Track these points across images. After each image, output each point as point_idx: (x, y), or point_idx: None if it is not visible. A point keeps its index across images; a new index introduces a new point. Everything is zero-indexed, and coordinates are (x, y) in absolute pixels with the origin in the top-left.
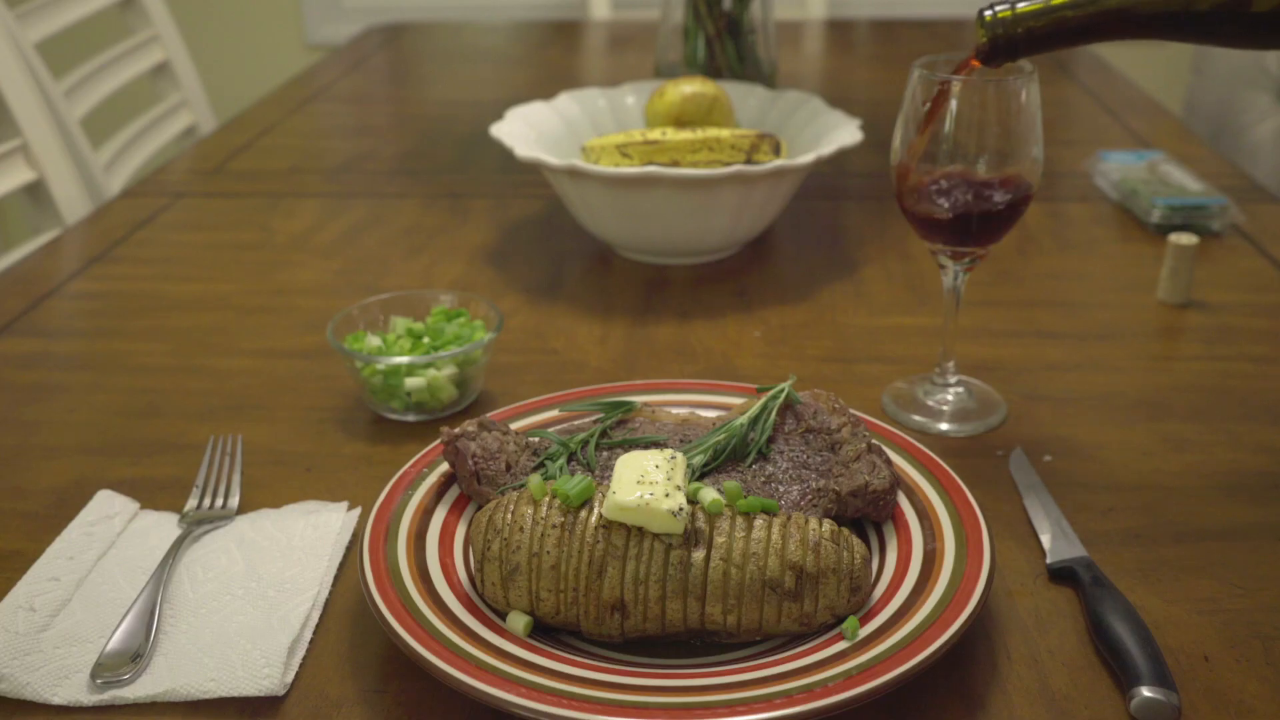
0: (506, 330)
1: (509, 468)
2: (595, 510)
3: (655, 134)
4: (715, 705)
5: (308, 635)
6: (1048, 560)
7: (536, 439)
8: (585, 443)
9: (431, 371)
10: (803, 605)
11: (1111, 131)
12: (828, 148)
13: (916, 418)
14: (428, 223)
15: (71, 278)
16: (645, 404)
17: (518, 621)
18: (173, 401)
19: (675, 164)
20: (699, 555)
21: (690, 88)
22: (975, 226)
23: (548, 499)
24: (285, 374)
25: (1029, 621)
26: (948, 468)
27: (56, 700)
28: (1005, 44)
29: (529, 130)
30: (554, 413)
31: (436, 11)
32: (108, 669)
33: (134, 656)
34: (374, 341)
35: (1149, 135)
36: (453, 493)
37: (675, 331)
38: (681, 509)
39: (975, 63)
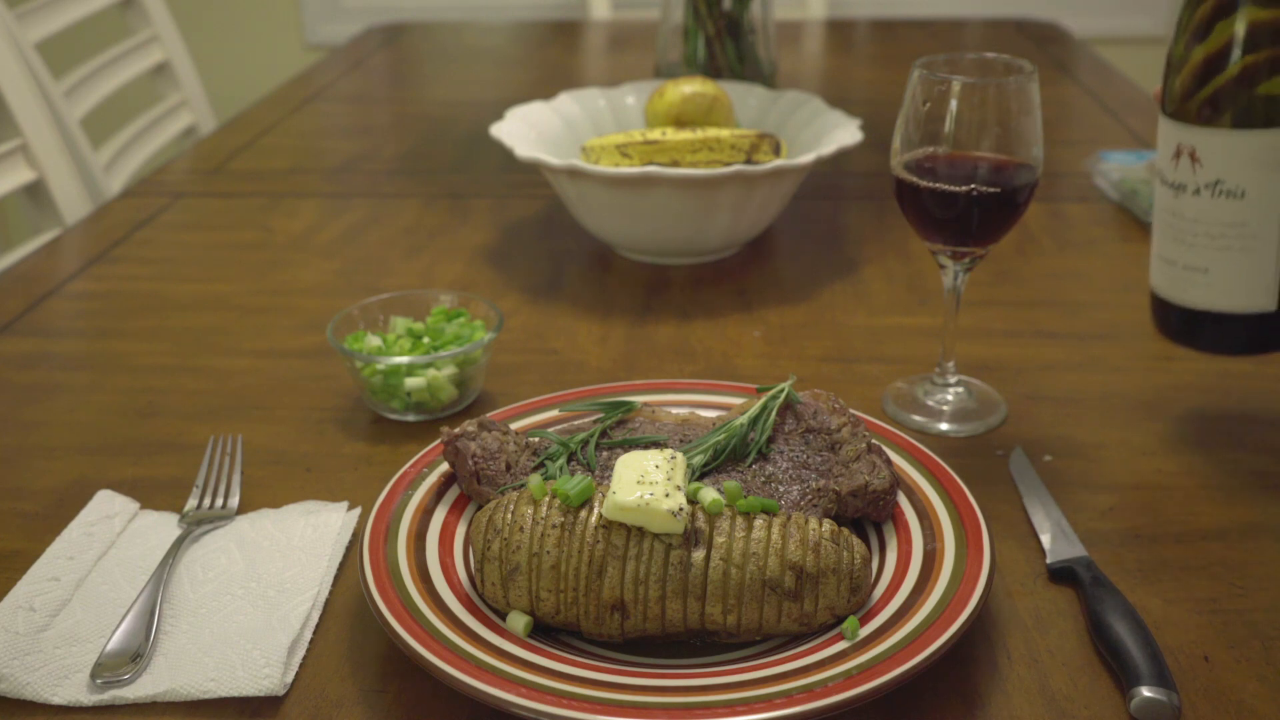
0: (506, 330)
1: (509, 468)
2: (595, 510)
3: (655, 134)
4: (715, 705)
5: (308, 635)
6: (1048, 560)
7: (536, 439)
8: (585, 443)
9: (431, 371)
10: (803, 605)
11: (1111, 131)
12: (828, 148)
13: (916, 418)
14: (428, 223)
15: (71, 278)
16: (645, 404)
17: (518, 621)
18: (173, 401)
19: (675, 164)
20: (699, 555)
21: (690, 88)
22: (975, 226)
23: (548, 499)
24: (285, 374)
25: (1029, 621)
26: (948, 468)
27: (56, 700)
28: None
29: (529, 130)
30: (554, 413)
31: (436, 11)
32: (108, 669)
33: (134, 656)
34: (374, 341)
35: (1149, 135)
36: (453, 493)
37: (675, 331)
38: (681, 509)
39: None
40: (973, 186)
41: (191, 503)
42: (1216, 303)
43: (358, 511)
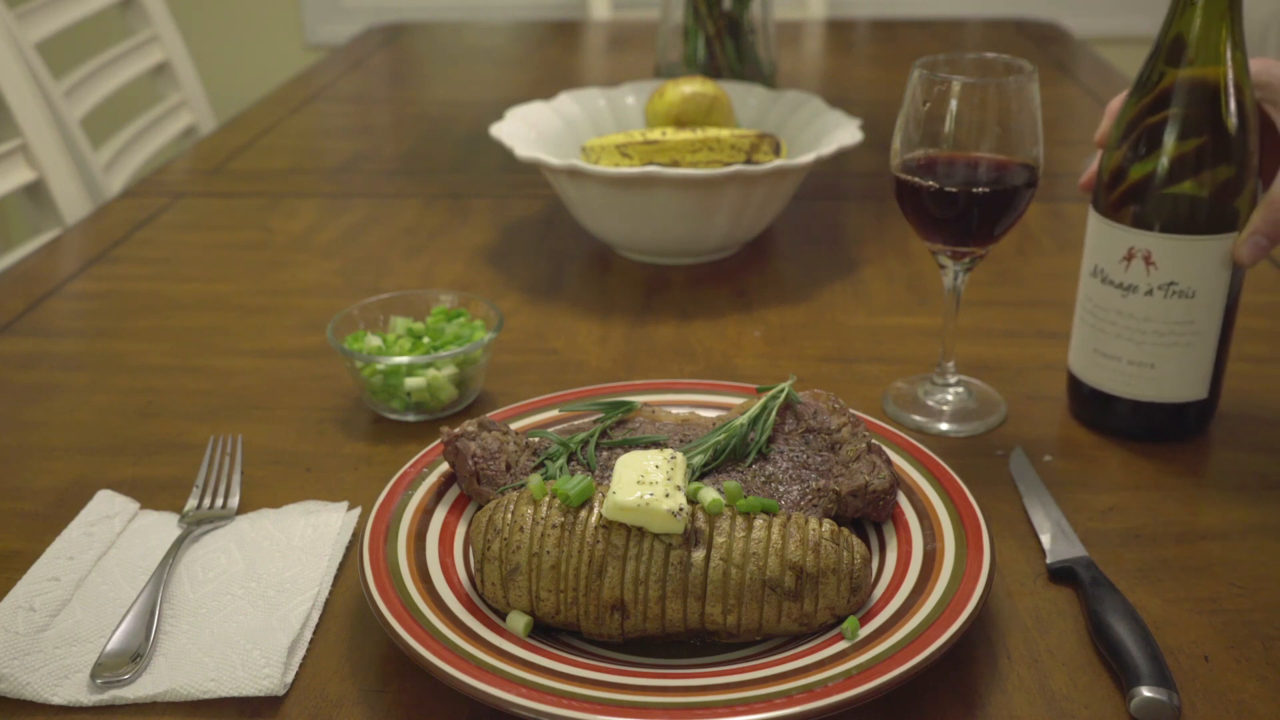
0: (506, 330)
1: (509, 468)
2: (595, 510)
3: (655, 134)
4: (715, 705)
5: (308, 635)
6: (1048, 560)
7: (536, 439)
8: (585, 443)
9: (431, 371)
10: (803, 605)
11: None
12: (828, 148)
13: (916, 418)
14: (428, 223)
15: (71, 278)
16: (645, 404)
17: (518, 621)
18: (173, 401)
19: (675, 164)
20: (699, 555)
21: (690, 88)
22: (975, 226)
23: (548, 499)
24: (285, 374)
25: (1029, 621)
26: (948, 468)
27: (56, 700)
28: None
29: (529, 130)
30: (554, 413)
31: (436, 11)
32: (108, 669)
33: (134, 656)
34: (374, 341)
35: None
36: (453, 493)
37: (675, 331)
38: (681, 509)
39: None
40: (973, 186)
41: (191, 503)
42: (1160, 395)
43: (358, 511)
